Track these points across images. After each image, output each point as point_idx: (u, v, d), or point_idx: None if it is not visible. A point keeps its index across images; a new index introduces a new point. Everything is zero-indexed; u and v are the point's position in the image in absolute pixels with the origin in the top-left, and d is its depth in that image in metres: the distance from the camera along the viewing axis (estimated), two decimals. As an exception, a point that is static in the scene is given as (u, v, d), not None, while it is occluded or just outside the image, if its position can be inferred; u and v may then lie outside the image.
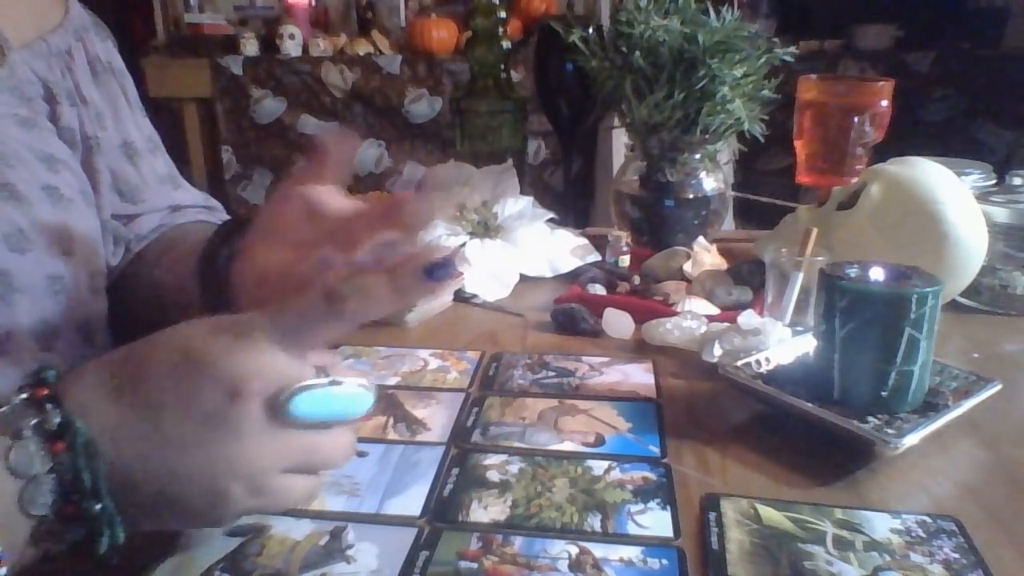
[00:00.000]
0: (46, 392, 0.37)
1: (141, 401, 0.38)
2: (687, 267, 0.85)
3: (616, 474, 0.51)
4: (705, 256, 0.86)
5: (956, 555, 0.44)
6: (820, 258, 0.69)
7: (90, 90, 0.68)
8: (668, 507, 0.48)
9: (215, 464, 0.38)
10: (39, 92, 0.62)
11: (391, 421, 0.59)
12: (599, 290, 0.83)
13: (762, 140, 0.91)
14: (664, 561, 0.43)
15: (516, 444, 0.55)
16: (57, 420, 0.36)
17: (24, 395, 0.37)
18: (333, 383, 0.40)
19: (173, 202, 0.76)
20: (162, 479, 0.38)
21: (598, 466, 0.52)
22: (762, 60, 0.89)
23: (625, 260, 0.90)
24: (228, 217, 0.78)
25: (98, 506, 0.36)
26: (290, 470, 0.40)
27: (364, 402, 0.41)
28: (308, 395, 0.39)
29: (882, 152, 0.91)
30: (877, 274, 0.56)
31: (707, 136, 0.91)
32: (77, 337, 0.60)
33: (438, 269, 0.39)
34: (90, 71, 0.68)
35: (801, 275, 0.70)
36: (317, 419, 0.40)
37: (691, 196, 0.94)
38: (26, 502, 0.35)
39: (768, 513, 0.47)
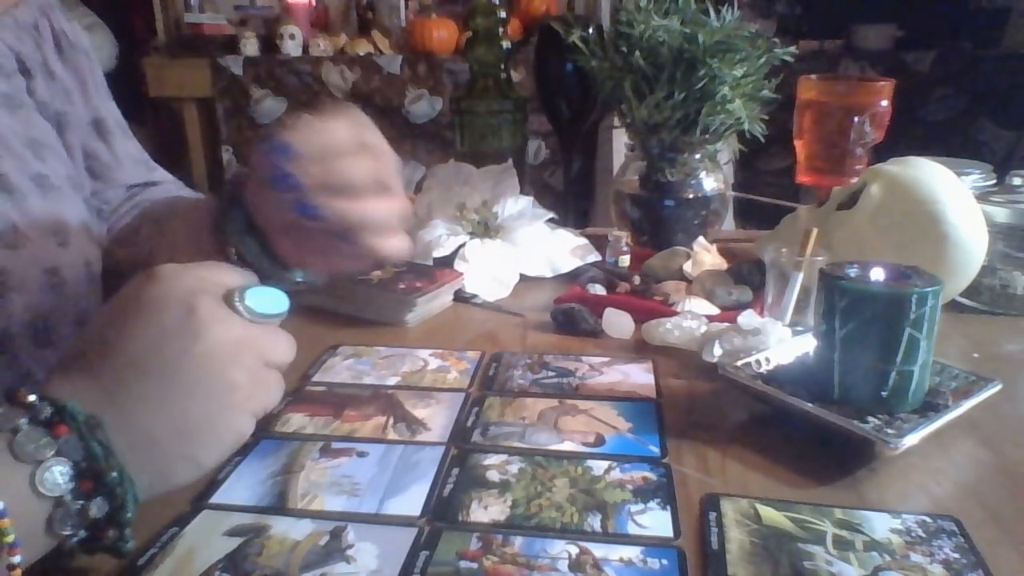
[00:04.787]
0: (24, 393, 0.37)
1: (116, 358, 0.39)
2: (687, 267, 0.85)
3: (616, 474, 0.51)
4: (705, 256, 0.86)
5: (956, 555, 0.44)
6: (820, 258, 0.69)
7: (56, 65, 0.66)
8: (668, 507, 0.48)
9: (209, 364, 0.39)
10: (14, 66, 0.61)
11: (391, 421, 0.59)
12: (599, 290, 0.83)
13: (762, 140, 0.91)
14: (664, 561, 0.43)
15: (516, 444, 0.55)
16: (49, 410, 0.36)
17: (3, 407, 0.37)
18: (258, 285, 0.44)
19: (148, 180, 0.74)
20: (171, 411, 0.38)
21: (598, 466, 0.52)
22: (762, 60, 0.89)
23: (625, 260, 0.90)
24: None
25: (114, 474, 0.37)
26: (266, 361, 0.42)
27: (284, 299, 0.45)
28: (252, 292, 0.42)
29: (882, 152, 0.91)
30: (877, 274, 0.56)
31: (707, 136, 0.91)
32: (74, 330, 0.59)
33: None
34: (56, 47, 0.67)
35: (801, 275, 0.70)
36: (266, 312, 0.43)
37: (691, 196, 0.94)
38: (39, 483, 0.35)
39: (768, 513, 0.47)
